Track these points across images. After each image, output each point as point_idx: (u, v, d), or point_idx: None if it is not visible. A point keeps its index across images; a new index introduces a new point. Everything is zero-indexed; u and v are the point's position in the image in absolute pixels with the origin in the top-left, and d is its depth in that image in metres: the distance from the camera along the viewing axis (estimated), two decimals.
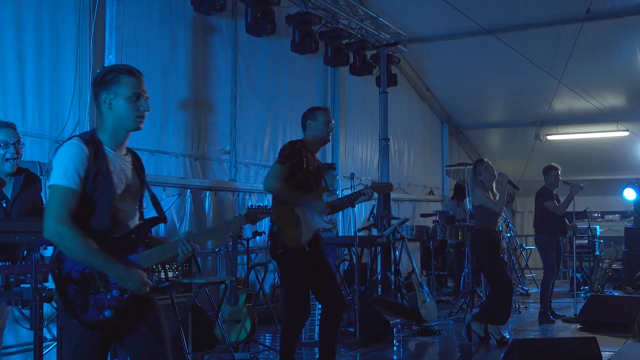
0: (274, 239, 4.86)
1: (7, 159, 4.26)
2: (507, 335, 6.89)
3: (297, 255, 4.69)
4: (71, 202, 2.67)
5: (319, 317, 6.58)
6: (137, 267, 2.77)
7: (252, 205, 5.00)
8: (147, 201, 3.03)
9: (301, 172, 4.76)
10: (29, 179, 4.45)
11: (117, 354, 4.42)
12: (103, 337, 2.75)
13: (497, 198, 6.66)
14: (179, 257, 2.91)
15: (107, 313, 2.65)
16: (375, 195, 5.28)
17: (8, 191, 4.32)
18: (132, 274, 2.72)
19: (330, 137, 5.03)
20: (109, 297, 2.67)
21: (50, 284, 2.71)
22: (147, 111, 2.88)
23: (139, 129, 2.88)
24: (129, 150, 2.98)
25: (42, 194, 4.63)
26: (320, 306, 5.37)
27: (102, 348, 2.78)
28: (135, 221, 2.91)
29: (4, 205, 4.26)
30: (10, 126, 4.36)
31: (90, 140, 2.78)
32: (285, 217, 4.71)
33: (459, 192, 10.91)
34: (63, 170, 2.69)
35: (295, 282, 4.76)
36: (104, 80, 2.82)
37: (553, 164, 8.28)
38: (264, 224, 7.84)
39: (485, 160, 6.88)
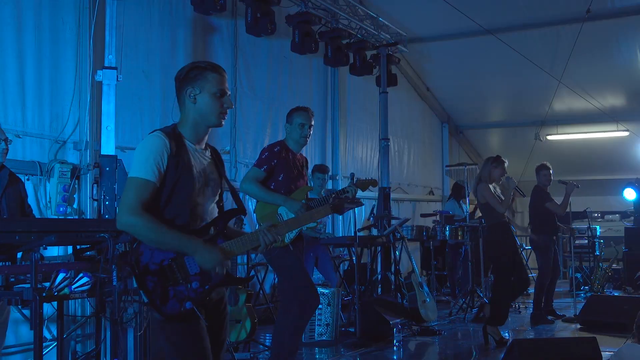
0: None
1: None
2: (506, 336, 6.89)
3: (282, 253, 4.71)
4: (145, 193, 2.66)
5: (318, 317, 6.62)
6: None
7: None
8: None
9: (282, 173, 4.82)
10: (12, 176, 4.66)
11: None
12: (195, 327, 2.70)
13: (503, 198, 6.65)
14: (261, 247, 2.88)
15: (187, 305, 2.63)
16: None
17: None
18: (211, 250, 2.69)
19: (307, 140, 5.01)
20: (188, 288, 2.65)
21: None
22: (230, 108, 2.89)
23: (220, 125, 2.89)
24: (208, 145, 2.99)
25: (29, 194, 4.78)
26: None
27: (200, 338, 2.72)
28: (214, 215, 2.89)
29: None
30: None
31: (172, 133, 2.80)
32: (269, 217, 4.73)
33: (457, 192, 10.91)
34: (142, 162, 2.69)
35: (296, 275, 4.72)
36: (188, 76, 2.84)
37: (545, 163, 8.29)
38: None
39: (505, 160, 6.82)
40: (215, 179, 2.92)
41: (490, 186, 6.70)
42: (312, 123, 5.00)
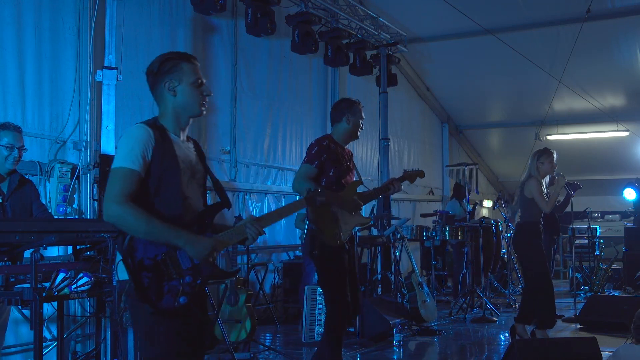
0: (312, 239, 4.54)
1: (6, 159, 4.46)
2: (506, 336, 6.87)
3: (337, 254, 4.48)
4: (130, 183, 2.63)
5: (318, 317, 6.61)
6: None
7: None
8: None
9: (333, 168, 4.59)
10: (23, 180, 4.67)
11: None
12: (184, 326, 2.70)
13: (549, 197, 6.29)
14: (248, 241, 2.89)
15: (182, 300, 2.63)
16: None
17: (4, 187, 4.52)
18: (200, 239, 2.69)
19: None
20: (182, 283, 2.65)
21: (122, 275, 2.65)
22: (209, 95, 2.91)
23: (202, 114, 2.90)
24: (190, 138, 2.97)
25: (38, 196, 4.77)
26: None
27: (188, 338, 2.72)
28: (201, 208, 2.88)
29: (0, 200, 4.44)
30: (19, 130, 4.57)
31: (154, 125, 2.77)
32: (324, 216, 4.48)
33: (459, 191, 10.92)
34: (126, 152, 2.66)
35: (338, 281, 4.51)
36: (163, 69, 2.82)
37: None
38: None
39: (553, 151, 6.49)
40: (201, 171, 2.93)
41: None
42: None
